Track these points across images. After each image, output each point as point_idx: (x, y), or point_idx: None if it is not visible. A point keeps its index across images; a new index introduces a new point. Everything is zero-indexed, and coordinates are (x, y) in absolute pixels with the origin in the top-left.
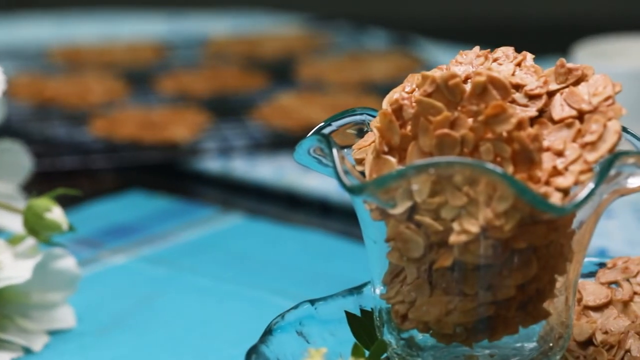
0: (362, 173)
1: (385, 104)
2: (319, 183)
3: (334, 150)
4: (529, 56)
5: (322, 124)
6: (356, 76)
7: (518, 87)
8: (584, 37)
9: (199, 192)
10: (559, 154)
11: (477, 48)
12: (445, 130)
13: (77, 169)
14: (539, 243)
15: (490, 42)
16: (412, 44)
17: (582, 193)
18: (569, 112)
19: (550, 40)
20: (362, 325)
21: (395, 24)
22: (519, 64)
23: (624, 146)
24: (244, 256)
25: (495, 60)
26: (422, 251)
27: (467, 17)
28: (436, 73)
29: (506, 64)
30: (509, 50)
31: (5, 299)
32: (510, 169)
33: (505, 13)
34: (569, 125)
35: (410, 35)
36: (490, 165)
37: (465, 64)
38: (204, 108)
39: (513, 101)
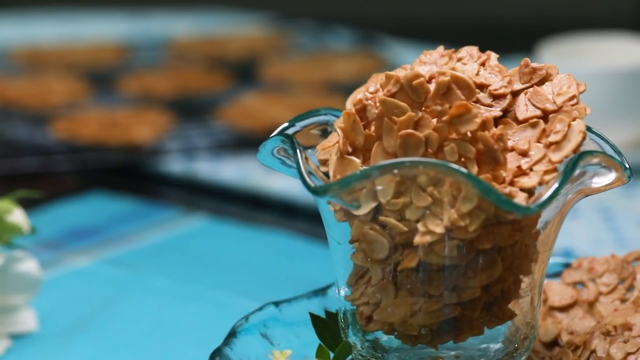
0: (326, 174)
1: (349, 104)
2: (283, 184)
3: (298, 151)
4: (493, 56)
5: (285, 124)
6: (320, 76)
7: (482, 86)
8: (549, 36)
9: (162, 194)
10: (524, 154)
11: (441, 47)
12: (410, 131)
13: (38, 171)
14: (503, 243)
15: (454, 41)
16: (376, 43)
17: (547, 193)
18: (534, 111)
19: (515, 39)
20: (327, 327)
21: (359, 23)
22: (483, 64)
23: (588, 146)
24: (207, 258)
25: (459, 59)
26: (387, 252)
27: (430, 16)
28: (400, 73)
29: (470, 63)
30: (473, 49)
31: None
32: (474, 169)
33: (470, 12)
34: (534, 125)
35: (374, 35)
36: (455, 166)
37: (429, 63)
38: (167, 109)
39: (477, 101)
